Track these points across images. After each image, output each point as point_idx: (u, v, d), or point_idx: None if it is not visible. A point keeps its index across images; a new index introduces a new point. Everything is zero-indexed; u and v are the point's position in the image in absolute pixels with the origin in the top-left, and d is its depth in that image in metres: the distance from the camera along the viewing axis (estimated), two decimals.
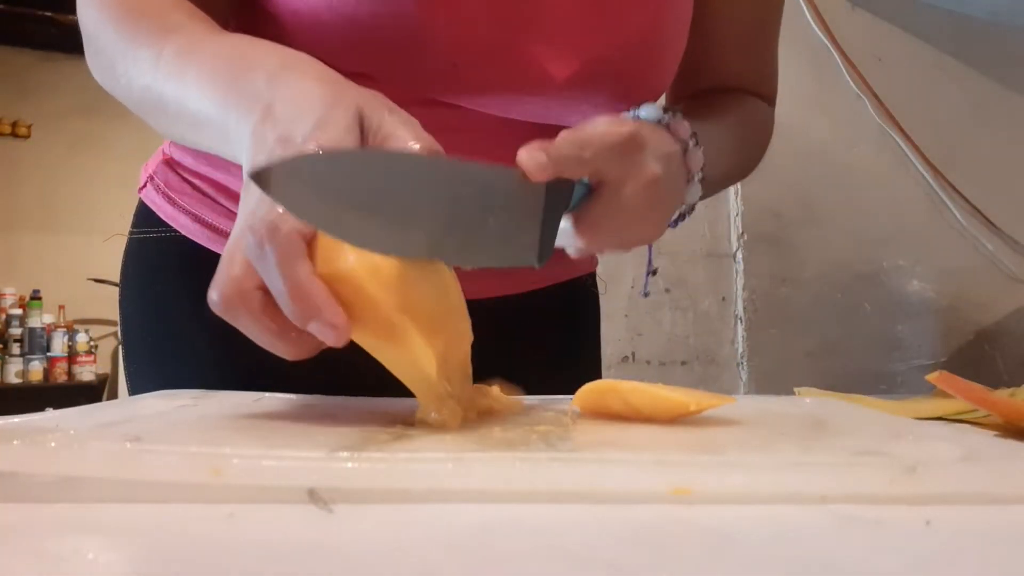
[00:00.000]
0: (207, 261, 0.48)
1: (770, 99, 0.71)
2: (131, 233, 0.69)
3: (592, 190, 0.46)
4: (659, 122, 0.52)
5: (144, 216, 0.67)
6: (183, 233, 0.64)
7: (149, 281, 0.67)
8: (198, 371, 0.63)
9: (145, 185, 0.68)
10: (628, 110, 0.54)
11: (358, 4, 0.51)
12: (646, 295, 0.69)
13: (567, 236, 0.48)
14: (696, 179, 0.54)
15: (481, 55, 0.54)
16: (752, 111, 0.68)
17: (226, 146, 0.44)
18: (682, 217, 0.57)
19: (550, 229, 0.43)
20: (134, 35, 0.49)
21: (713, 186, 0.59)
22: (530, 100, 0.58)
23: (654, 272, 0.64)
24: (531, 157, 0.41)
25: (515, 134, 0.61)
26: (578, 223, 0.47)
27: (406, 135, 0.38)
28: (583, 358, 0.76)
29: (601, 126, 0.46)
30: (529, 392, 0.48)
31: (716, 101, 0.65)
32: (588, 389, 0.41)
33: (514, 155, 0.61)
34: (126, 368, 0.69)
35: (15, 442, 0.28)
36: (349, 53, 0.53)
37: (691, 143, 0.52)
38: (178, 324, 0.64)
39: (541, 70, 0.56)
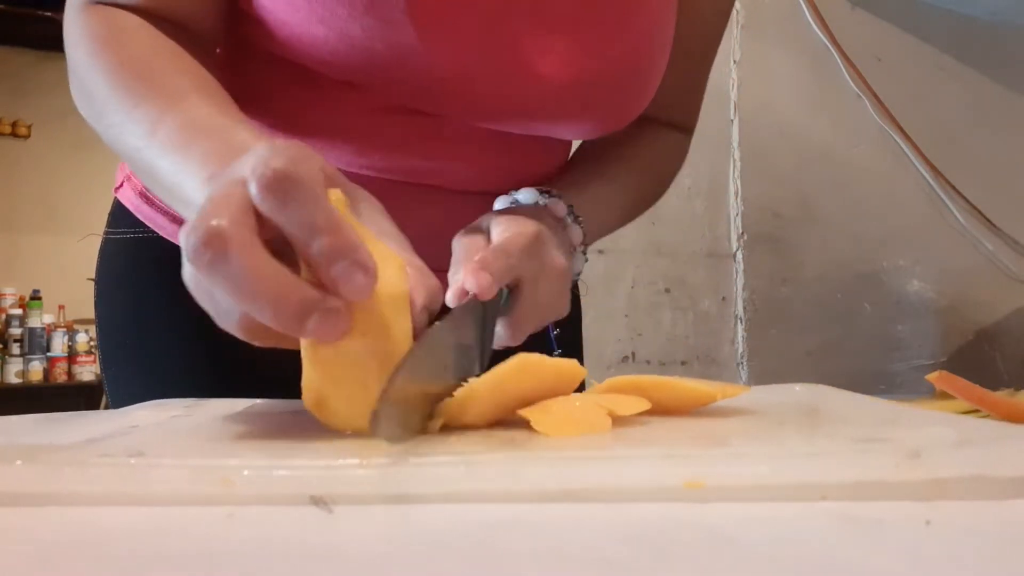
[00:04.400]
0: None
1: (689, 130, 0.74)
2: (106, 233, 0.68)
3: (511, 291, 0.49)
4: (536, 204, 0.56)
5: (120, 216, 0.66)
6: (160, 234, 0.63)
7: (125, 282, 0.66)
8: (175, 374, 0.63)
9: (122, 184, 0.67)
10: (507, 194, 0.58)
11: (350, 19, 0.50)
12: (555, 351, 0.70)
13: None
14: (579, 251, 0.58)
15: (472, 75, 0.54)
16: (659, 154, 0.71)
17: None
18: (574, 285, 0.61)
19: (488, 338, 0.45)
20: (130, 94, 0.48)
21: (602, 234, 0.65)
22: (516, 116, 0.58)
23: (557, 330, 0.70)
24: (478, 281, 0.43)
25: (501, 145, 0.61)
26: (506, 324, 0.49)
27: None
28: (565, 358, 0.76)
29: (506, 230, 0.49)
30: None
31: (616, 152, 0.68)
32: (606, 386, 0.41)
33: (499, 164, 0.62)
34: (104, 370, 0.68)
35: (17, 462, 0.28)
36: (337, 65, 0.53)
37: (568, 220, 0.57)
38: (155, 326, 0.64)
39: (532, 88, 0.56)
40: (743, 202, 1.56)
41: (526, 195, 0.57)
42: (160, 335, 0.64)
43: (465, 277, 0.43)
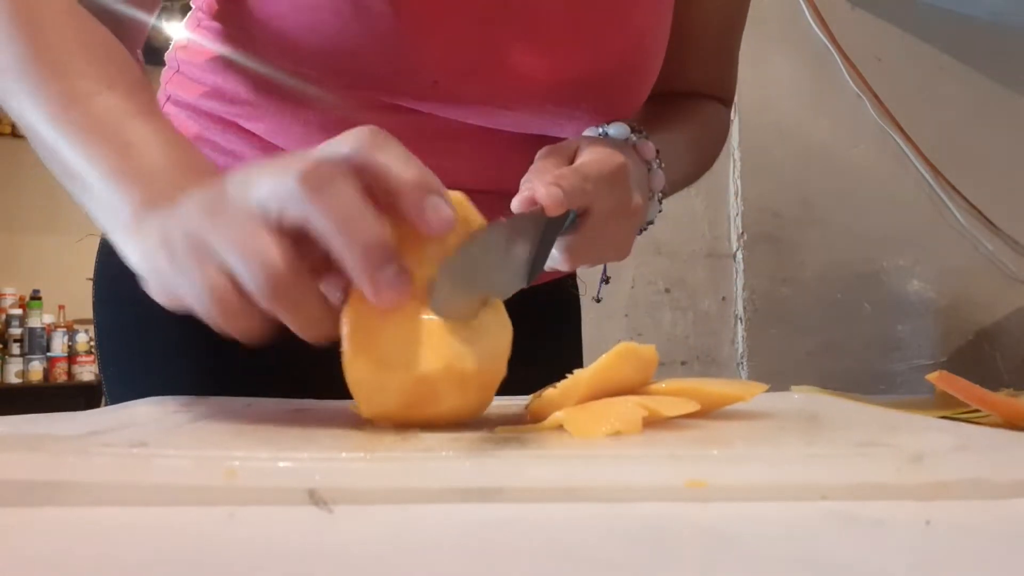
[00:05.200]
0: None
1: (728, 101, 0.73)
2: (104, 233, 0.67)
3: (578, 216, 0.48)
4: (626, 141, 0.54)
5: None
6: None
7: (122, 282, 0.65)
8: (173, 374, 0.62)
9: None
10: (597, 126, 0.56)
11: (341, 25, 0.50)
12: (598, 300, 0.73)
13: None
14: (656, 198, 0.56)
15: (463, 74, 0.54)
16: (710, 118, 0.70)
17: (96, 211, 0.45)
18: (640, 231, 0.59)
19: (542, 254, 0.44)
20: (42, 65, 0.47)
21: (673, 189, 0.62)
22: (510, 115, 0.58)
23: (607, 280, 0.68)
24: (549, 193, 0.43)
25: (494, 142, 0.61)
26: (564, 247, 0.49)
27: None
28: (564, 358, 0.76)
29: (593, 156, 0.48)
30: (507, 392, 0.49)
31: (675, 109, 0.67)
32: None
33: (492, 161, 0.61)
34: (103, 370, 0.67)
35: (20, 449, 0.28)
36: (330, 68, 0.53)
37: (655, 164, 0.55)
38: (152, 326, 0.63)
39: (522, 88, 0.56)
40: (743, 202, 1.55)
41: (617, 129, 0.55)
42: (158, 335, 0.63)
43: (537, 187, 0.43)
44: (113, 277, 0.66)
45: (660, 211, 0.57)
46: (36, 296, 3.78)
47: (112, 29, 0.51)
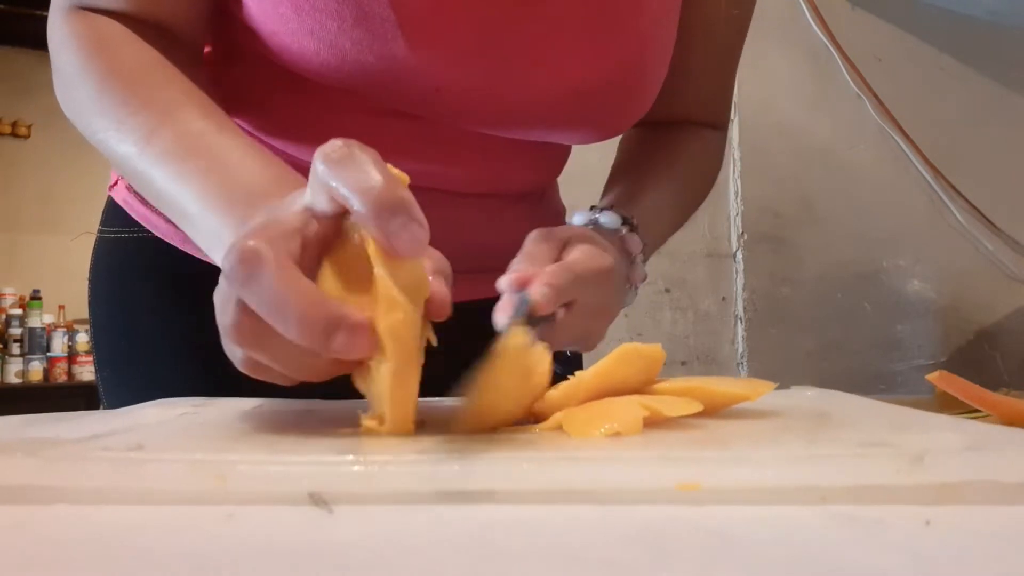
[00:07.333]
0: (183, 264, 0.47)
1: (722, 126, 0.74)
2: (100, 232, 0.67)
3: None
4: (615, 232, 0.56)
5: (113, 214, 0.65)
6: (154, 233, 0.62)
7: (119, 282, 0.65)
8: (169, 375, 0.62)
9: (116, 183, 0.66)
10: (591, 210, 0.58)
11: (340, 32, 0.50)
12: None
13: None
14: (633, 289, 0.59)
15: (465, 82, 0.54)
16: (700, 154, 0.71)
17: (199, 239, 0.45)
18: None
19: None
20: (122, 104, 0.48)
21: (657, 247, 0.65)
22: (512, 122, 0.58)
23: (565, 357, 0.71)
24: (543, 294, 0.43)
25: (495, 147, 0.61)
26: (537, 333, 0.48)
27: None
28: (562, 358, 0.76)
29: (583, 254, 0.49)
30: None
31: (666, 152, 0.68)
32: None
33: (493, 166, 0.61)
34: (99, 371, 0.67)
35: (17, 454, 0.28)
36: (329, 74, 0.53)
37: (638, 259, 0.57)
38: (148, 327, 0.63)
39: (524, 100, 0.56)
40: (743, 202, 1.56)
41: (608, 219, 0.57)
42: (154, 335, 0.63)
43: (535, 284, 0.44)
44: (109, 275, 0.66)
45: (635, 297, 0.60)
46: (36, 296, 3.79)
47: (168, 51, 0.52)
